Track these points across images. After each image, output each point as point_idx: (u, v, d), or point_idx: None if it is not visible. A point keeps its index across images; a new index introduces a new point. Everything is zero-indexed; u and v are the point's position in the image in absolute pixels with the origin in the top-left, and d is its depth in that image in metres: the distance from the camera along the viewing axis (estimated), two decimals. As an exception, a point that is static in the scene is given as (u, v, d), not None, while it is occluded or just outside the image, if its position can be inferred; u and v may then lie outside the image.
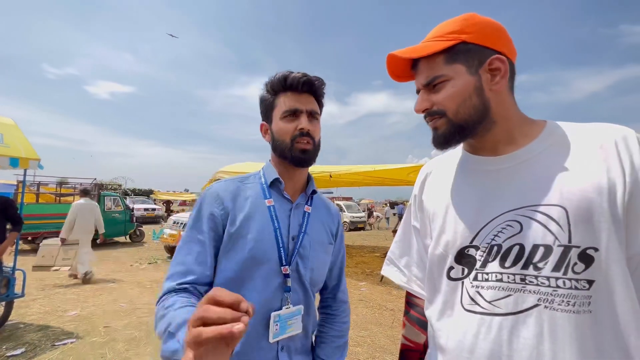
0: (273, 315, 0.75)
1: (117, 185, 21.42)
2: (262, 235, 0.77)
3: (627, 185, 0.52)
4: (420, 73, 0.65)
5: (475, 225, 0.62)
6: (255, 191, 0.83)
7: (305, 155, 0.80)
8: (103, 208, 9.27)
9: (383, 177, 7.91)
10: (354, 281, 5.78)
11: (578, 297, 0.51)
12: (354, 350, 3.07)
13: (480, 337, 0.57)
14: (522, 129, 0.63)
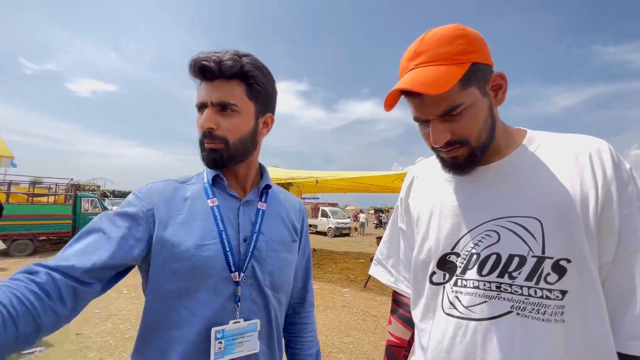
0: (213, 330, 0.63)
1: (95, 186, 20.62)
2: (204, 239, 0.66)
3: (599, 198, 0.54)
4: (433, 103, 0.58)
5: (457, 233, 0.64)
6: (196, 192, 0.72)
7: (214, 154, 0.69)
8: (79, 209, 8.92)
9: (369, 183, 8.00)
10: (338, 287, 5.77)
11: (550, 306, 0.54)
12: (337, 357, 3.06)
13: (457, 340, 0.60)
14: (505, 139, 0.66)
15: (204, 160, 0.71)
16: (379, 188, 8.90)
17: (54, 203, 9.13)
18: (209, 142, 0.68)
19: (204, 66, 0.65)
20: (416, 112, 0.62)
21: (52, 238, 8.70)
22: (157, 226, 0.65)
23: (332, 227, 16.48)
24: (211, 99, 0.67)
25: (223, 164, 0.70)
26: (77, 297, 0.54)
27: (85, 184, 19.18)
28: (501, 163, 0.64)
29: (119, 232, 0.61)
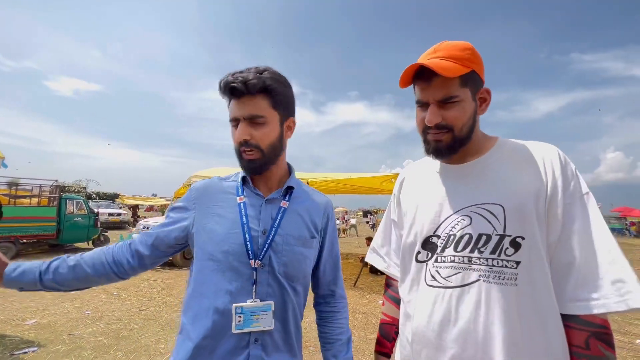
0: (234, 306, 0.75)
1: (80, 187, 20.10)
2: (231, 229, 0.80)
3: (548, 191, 0.70)
4: (437, 88, 0.73)
5: (438, 219, 0.79)
6: (231, 189, 0.87)
7: (253, 164, 0.81)
8: (64, 211, 8.72)
9: (358, 185, 8.16)
10: (328, 286, 5.88)
11: (507, 273, 0.68)
12: (328, 351, 3.18)
13: (437, 305, 0.73)
14: (482, 143, 0.81)
15: (244, 169, 0.86)
16: (368, 189, 9.08)
17: (38, 205, 8.90)
18: (245, 150, 0.80)
19: (233, 87, 0.76)
20: (421, 94, 0.76)
21: (35, 241, 8.48)
22: (200, 217, 0.83)
23: (321, 228, 16.55)
24: (242, 115, 0.78)
25: (260, 170, 0.84)
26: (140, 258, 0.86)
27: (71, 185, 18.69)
28: (476, 162, 0.79)
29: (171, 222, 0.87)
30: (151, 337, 3.31)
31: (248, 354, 0.76)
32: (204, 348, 0.75)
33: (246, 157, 0.81)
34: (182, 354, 0.77)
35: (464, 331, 0.69)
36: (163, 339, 3.27)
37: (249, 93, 0.77)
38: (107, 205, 18.89)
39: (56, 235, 8.57)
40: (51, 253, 8.68)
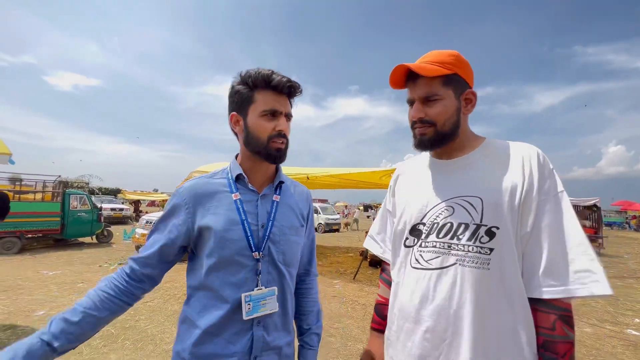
0: (243, 295, 0.82)
1: (84, 183, 20.27)
2: (230, 226, 0.83)
3: (524, 187, 0.77)
4: (420, 87, 0.82)
5: (425, 209, 0.87)
6: (222, 186, 0.89)
7: (280, 153, 0.87)
8: (68, 207, 8.84)
9: (358, 180, 8.22)
10: (328, 279, 6.00)
11: (481, 259, 0.76)
12: (328, 340, 3.29)
13: (418, 284, 0.82)
14: (469, 142, 0.89)
15: (266, 155, 0.87)
16: (368, 184, 9.15)
17: (42, 200, 9.02)
18: (281, 142, 0.87)
19: (294, 86, 0.87)
20: (409, 93, 0.86)
21: (40, 236, 8.62)
22: (198, 219, 0.84)
23: (322, 223, 16.71)
24: (286, 111, 0.88)
25: (283, 159, 0.90)
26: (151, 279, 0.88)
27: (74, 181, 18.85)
28: (462, 159, 0.87)
29: (174, 231, 0.86)
30: (157, 327, 3.43)
31: (252, 335, 0.83)
32: (211, 333, 0.82)
33: (277, 145, 0.87)
34: (189, 340, 0.82)
35: (439, 307, 0.78)
36: (168, 328, 3.39)
37: (291, 96, 0.90)
38: (109, 201, 19.06)
39: (60, 230, 8.71)
40: (56, 248, 8.83)
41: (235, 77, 0.88)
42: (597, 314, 4.47)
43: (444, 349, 0.77)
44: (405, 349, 0.83)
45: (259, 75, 0.84)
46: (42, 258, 7.29)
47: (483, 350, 0.73)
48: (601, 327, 3.94)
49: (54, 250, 8.37)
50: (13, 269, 5.95)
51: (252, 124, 0.86)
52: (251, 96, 0.85)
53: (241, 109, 0.87)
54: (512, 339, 0.73)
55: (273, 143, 0.86)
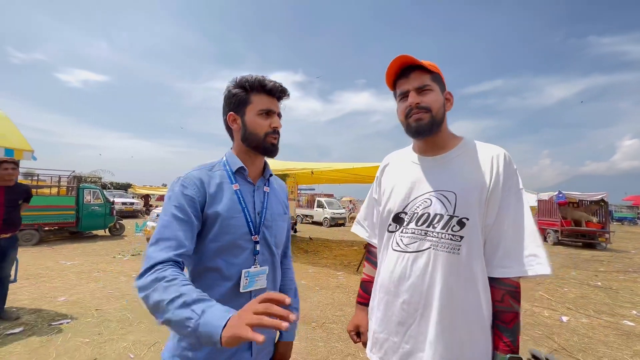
0: (243, 272, 0.92)
1: (97, 178, 20.85)
2: (234, 214, 0.93)
3: (491, 184, 0.90)
4: (414, 79, 0.94)
5: (407, 200, 1.01)
6: (222, 178, 0.96)
7: (274, 147, 0.99)
8: (82, 201, 9.19)
9: (364, 174, 8.34)
10: (332, 271, 6.19)
11: (452, 245, 0.90)
12: (330, 326, 3.47)
13: (397, 264, 0.97)
14: (449, 141, 1.01)
15: (263, 150, 0.98)
16: (374, 179, 9.23)
17: (58, 194, 9.39)
18: (275, 137, 0.98)
19: (284, 90, 0.99)
20: (402, 87, 0.96)
21: (56, 228, 9.00)
22: (206, 206, 0.90)
23: (327, 217, 16.88)
24: (278, 111, 1.00)
25: (276, 152, 1.01)
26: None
27: (87, 175, 19.41)
28: (441, 157, 1.00)
29: (192, 218, 0.87)
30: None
31: None
32: None
33: (272, 140, 0.98)
34: None
35: (414, 284, 0.93)
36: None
37: (280, 99, 1.02)
38: (120, 195, 19.58)
39: (76, 223, 9.08)
40: (72, 240, 9.21)
41: (230, 82, 0.99)
42: (596, 306, 4.56)
43: (416, 317, 0.92)
44: (385, 316, 0.99)
45: (255, 80, 0.96)
46: (60, 249, 7.65)
47: (450, 320, 0.88)
48: (597, 318, 4.04)
49: (69, 242, 8.74)
50: (34, 259, 6.28)
51: (250, 121, 0.96)
52: (247, 98, 0.96)
53: (238, 109, 0.98)
54: (476, 310, 0.88)
55: (269, 138, 0.97)
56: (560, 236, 11.40)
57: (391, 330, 0.97)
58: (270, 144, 0.98)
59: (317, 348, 2.96)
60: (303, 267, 6.43)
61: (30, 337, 2.94)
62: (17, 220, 3.36)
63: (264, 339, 0.55)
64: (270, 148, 0.99)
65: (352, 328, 1.16)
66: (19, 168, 3.43)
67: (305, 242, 10.28)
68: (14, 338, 2.90)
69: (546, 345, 3.19)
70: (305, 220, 18.47)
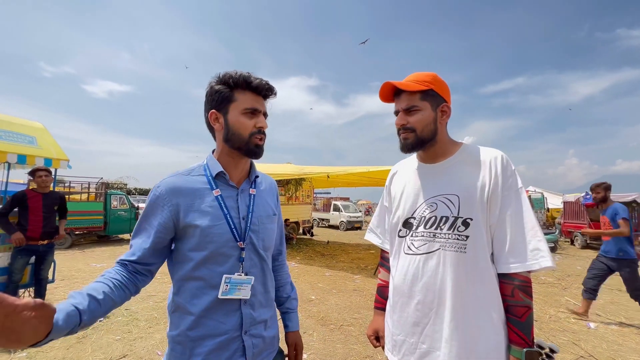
0: (224, 277, 0.87)
1: (122, 184, 21.86)
2: (215, 221, 0.88)
3: (491, 185, 0.95)
4: (403, 100, 1.01)
5: (414, 205, 1.06)
6: (202, 184, 0.92)
7: (259, 149, 0.93)
8: (109, 206, 9.66)
9: (379, 177, 8.33)
10: (349, 274, 6.20)
11: (459, 244, 0.94)
12: (348, 329, 3.50)
13: (410, 266, 1.02)
14: (448, 148, 1.07)
15: (246, 151, 0.92)
16: (389, 182, 9.18)
17: (87, 200, 9.93)
18: (260, 138, 0.93)
19: (271, 88, 0.94)
20: (395, 105, 1.05)
21: (86, 232, 9.50)
22: (181, 216, 0.87)
23: (344, 220, 16.86)
24: (264, 110, 0.95)
25: (261, 154, 0.95)
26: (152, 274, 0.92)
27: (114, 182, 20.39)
28: (443, 163, 1.05)
29: (156, 229, 0.87)
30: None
31: (241, 313, 0.91)
32: (204, 317, 0.87)
33: (257, 141, 0.93)
34: (183, 326, 0.87)
35: (427, 284, 0.98)
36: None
37: (267, 97, 0.98)
38: (144, 200, 20.35)
39: (104, 227, 9.55)
40: (100, 243, 9.68)
41: (213, 78, 0.93)
42: (627, 312, 4.35)
43: (431, 316, 0.96)
44: (401, 318, 1.04)
45: (240, 77, 0.89)
46: (90, 252, 8.07)
47: (462, 316, 0.92)
48: (629, 326, 3.85)
49: (98, 246, 9.20)
50: (67, 262, 6.68)
51: (234, 121, 0.90)
52: (231, 95, 0.90)
53: (221, 107, 0.91)
54: (485, 306, 0.92)
55: (254, 139, 0.91)
56: (589, 239, 10.88)
57: (408, 331, 1.01)
58: (254, 145, 0.92)
59: (335, 350, 3.00)
60: (320, 271, 6.48)
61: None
62: (54, 228, 3.60)
63: None
64: (254, 150, 0.93)
65: (371, 332, 1.21)
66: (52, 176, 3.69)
67: (322, 245, 10.32)
68: (53, 334, 3.12)
69: (572, 352, 3.09)
70: (322, 224, 18.51)
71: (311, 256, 8.22)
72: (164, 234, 0.88)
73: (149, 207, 0.89)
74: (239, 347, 0.90)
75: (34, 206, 3.41)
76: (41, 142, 3.77)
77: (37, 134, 3.85)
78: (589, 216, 11.16)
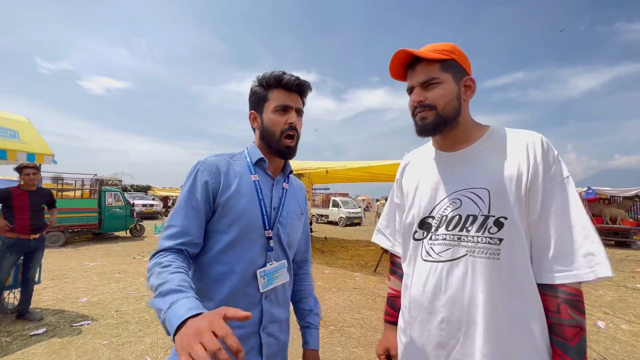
0: (258, 272, 0.88)
1: (117, 180, 21.62)
2: (249, 204, 0.89)
3: (530, 174, 0.77)
4: (419, 73, 0.84)
5: (433, 202, 0.89)
6: (242, 167, 0.94)
7: (289, 150, 0.94)
8: (104, 203, 9.46)
9: (379, 173, 8.16)
10: (349, 272, 6.06)
11: (491, 249, 0.77)
12: (349, 330, 3.35)
13: (430, 276, 0.84)
14: (472, 131, 0.89)
15: (277, 151, 0.94)
16: (390, 177, 9.04)
17: (81, 197, 9.72)
18: (291, 139, 0.94)
19: (301, 84, 0.94)
20: (408, 81, 0.88)
21: (80, 230, 9.31)
22: (219, 194, 0.87)
23: (343, 216, 16.75)
24: (297, 106, 0.95)
25: (291, 156, 0.96)
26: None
27: (108, 178, 20.15)
28: (467, 150, 0.87)
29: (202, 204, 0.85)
30: (186, 314, 3.65)
31: (261, 308, 0.89)
32: (226, 304, 0.79)
33: (287, 143, 0.93)
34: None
35: (452, 298, 0.80)
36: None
37: (302, 94, 0.98)
38: (140, 197, 20.17)
39: (98, 224, 9.36)
40: (94, 241, 9.50)
41: (253, 81, 0.98)
42: (636, 310, 4.22)
43: (460, 337, 0.79)
44: (421, 338, 0.86)
45: (272, 76, 0.93)
46: (84, 250, 7.90)
47: (496, 338, 0.74)
48: (639, 324, 3.72)
49: (92, 243, 9.03)
50: (59, 260, 6.50)
51: (267, 119, 0.93)
52: (266, 95, 0.94)
53: (258, 107, 0.96)
54: (524, 326, 0.74)
55: (285, 139, 0.92)
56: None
57: (429, 353, 0.84)
58: (285, 147, 0.94)
59: (335, 353, 2.85)
60: (319, 268, 6.34)
61: (52, 338, 2.98)
62: (42, 223, 3.44)
63: None
64: (284, 151, 0.94)
65: (381, 351, 1.03)
66: (44, 172, 3.51)
67: (321, 242, 10.18)
68: (37, 339, 2.95)
69: (584, 353, 2.95)
70: (321, 220, 18.41)
71: (310, 253, 8.08)
72: (207, 210, 0.87)
73: (192, 183, 0.87)
74: (255, 344, 0.88)
75: (20, 205, 3.25)
76: (24, 137, 3.57)
77: (20, 128, 3.64)
78: (591, 211, 11.04)
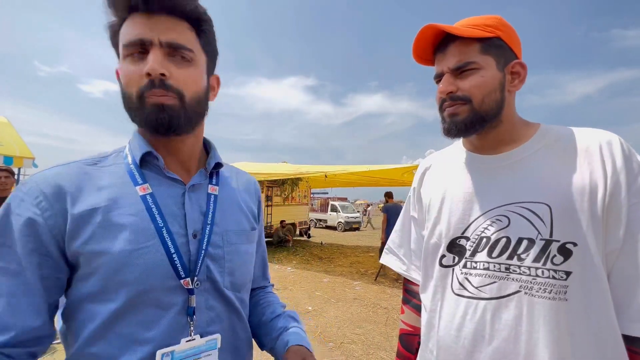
0: (159, 353, 0.51)
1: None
2: (137, 242, 0.51)
3: (608, 187, 0.57)
4: (451, 55, 0.64)
5: (467, 218, 0.67)
6: (116, 177, 0.55)
7: (164, 113, 0.52)
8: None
9: (378, 177, 8.01)
10: (348, 280, 5.82)
11: (555, 285, 0.56)
12: (349, 347, 3.11)
13: (467, 318, 0.63)
14: (519, 130, 0.68)
15: (145, 123, 0.53)
16: (388, 181, 8.89)
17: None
18: (157, 93, 0.51)
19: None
20: (437, 65, 0.68)
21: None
22: (68, 235, 0.50)
23: (341, 221, 16.53)
24: (160, 38, 0.51)
25: (178, 127, 0.54)
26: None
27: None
28: (513, 152, 0.67)
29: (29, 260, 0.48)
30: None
31: None
32: None
33: (154, 99, 0.51)
34: None
35: (501, 351, 0.59)
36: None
37: (173, 12, 0.52)
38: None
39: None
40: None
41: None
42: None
43: None
44: None
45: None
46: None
47: None
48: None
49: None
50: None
51: (121, 73, 0.54)
52: (119, 29, 0.54)
53: (118, 55, 0.55)
54: None
55: (148, 98, 0.51)
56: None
57: None
58: (151, 105, 0.52)
59: (335, 375, 2.62)
60: (317, 276, 6.09)
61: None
62: None
63: None
64: (152, 118, 0.52)
65: None
66: (21, 176, 3.27)
67: (319, 248, 9.95)
68: None
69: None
70: (319, 225, 18.20)
71: (308, 260, 7.83)
72: (51, 270, 0.50)
73: (4, 225, 0.48)
74: None
75: None
76: (2, 138, 3.34)
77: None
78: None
